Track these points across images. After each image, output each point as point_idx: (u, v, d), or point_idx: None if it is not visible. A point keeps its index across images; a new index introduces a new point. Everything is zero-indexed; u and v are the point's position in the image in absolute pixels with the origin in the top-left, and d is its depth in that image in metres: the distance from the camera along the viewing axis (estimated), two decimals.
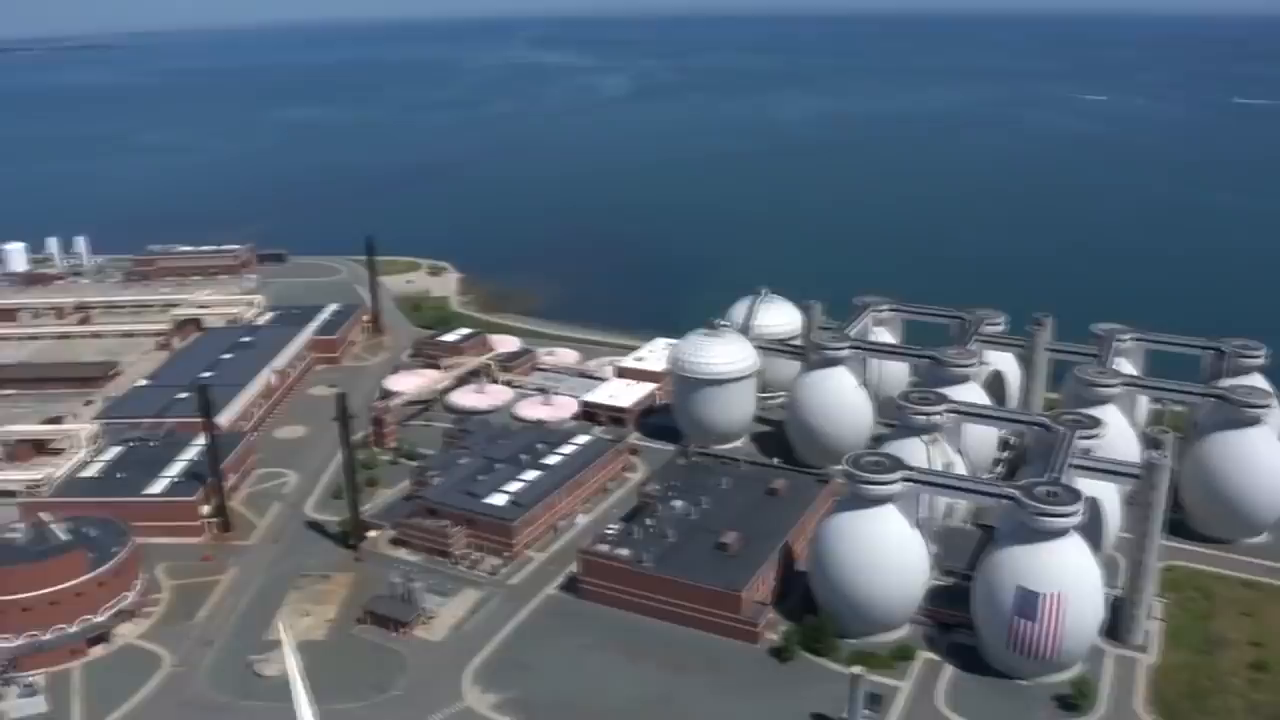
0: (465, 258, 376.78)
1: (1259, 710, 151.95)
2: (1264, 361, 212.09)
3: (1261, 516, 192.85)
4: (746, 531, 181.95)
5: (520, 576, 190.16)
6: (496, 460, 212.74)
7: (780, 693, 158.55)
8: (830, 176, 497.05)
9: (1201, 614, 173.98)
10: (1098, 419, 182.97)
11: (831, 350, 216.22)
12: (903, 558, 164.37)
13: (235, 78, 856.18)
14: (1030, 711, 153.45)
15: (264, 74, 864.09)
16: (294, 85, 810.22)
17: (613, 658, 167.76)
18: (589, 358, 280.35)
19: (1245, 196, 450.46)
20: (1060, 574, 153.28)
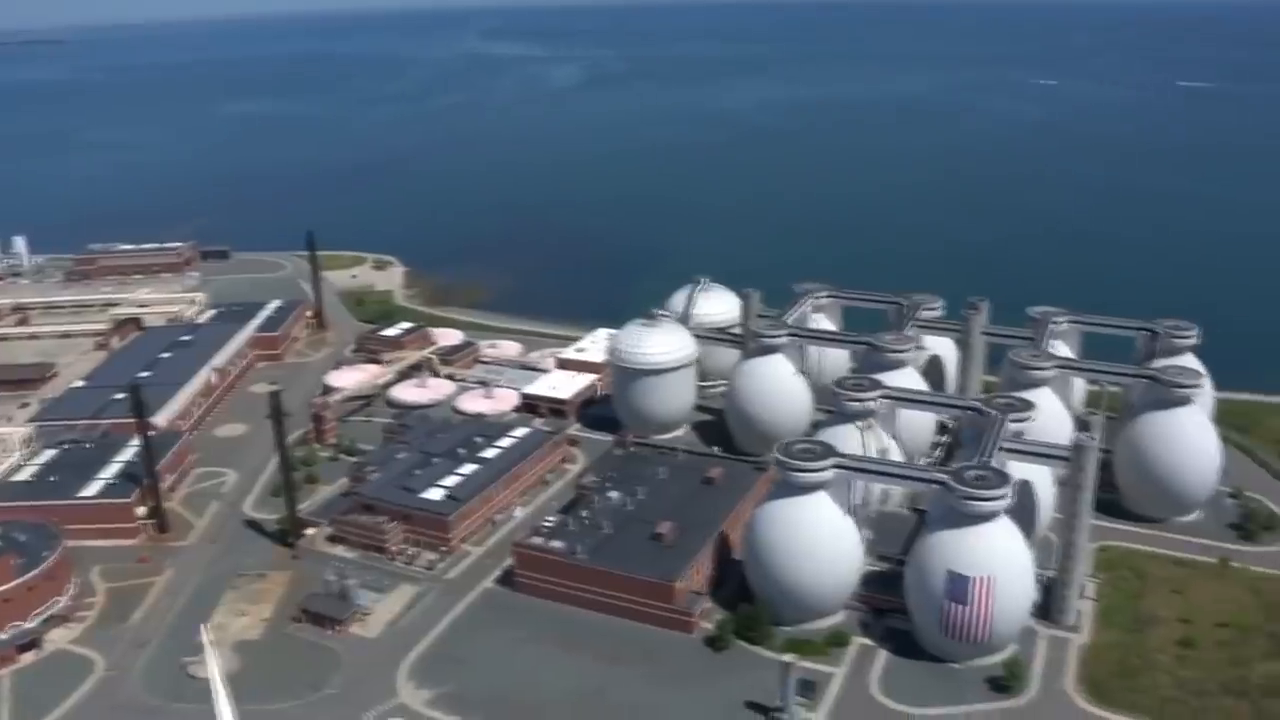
0: (411, 251, 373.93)
1: (1185, 686, 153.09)
2: (1195, 342, 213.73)
3: (1192, 495, 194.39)
4: (682, 521, 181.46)
5: (457, 571, 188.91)
6: (434, 455, 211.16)
7: (715, 682, 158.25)
8: (779, 165, 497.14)
9: (1133, 593, 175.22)
10: (1030, 402, 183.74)
11: (768, 338, 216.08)
12: (835, 544, 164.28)
13: (183, 72, 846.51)
14: (962, 694, 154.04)
15: (213, 68, 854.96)
16: (244, 79, 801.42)
17: (548, 650, 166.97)
18: (532, 349, 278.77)
19: (1184, 179, 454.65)
20: (989, 557, 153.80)
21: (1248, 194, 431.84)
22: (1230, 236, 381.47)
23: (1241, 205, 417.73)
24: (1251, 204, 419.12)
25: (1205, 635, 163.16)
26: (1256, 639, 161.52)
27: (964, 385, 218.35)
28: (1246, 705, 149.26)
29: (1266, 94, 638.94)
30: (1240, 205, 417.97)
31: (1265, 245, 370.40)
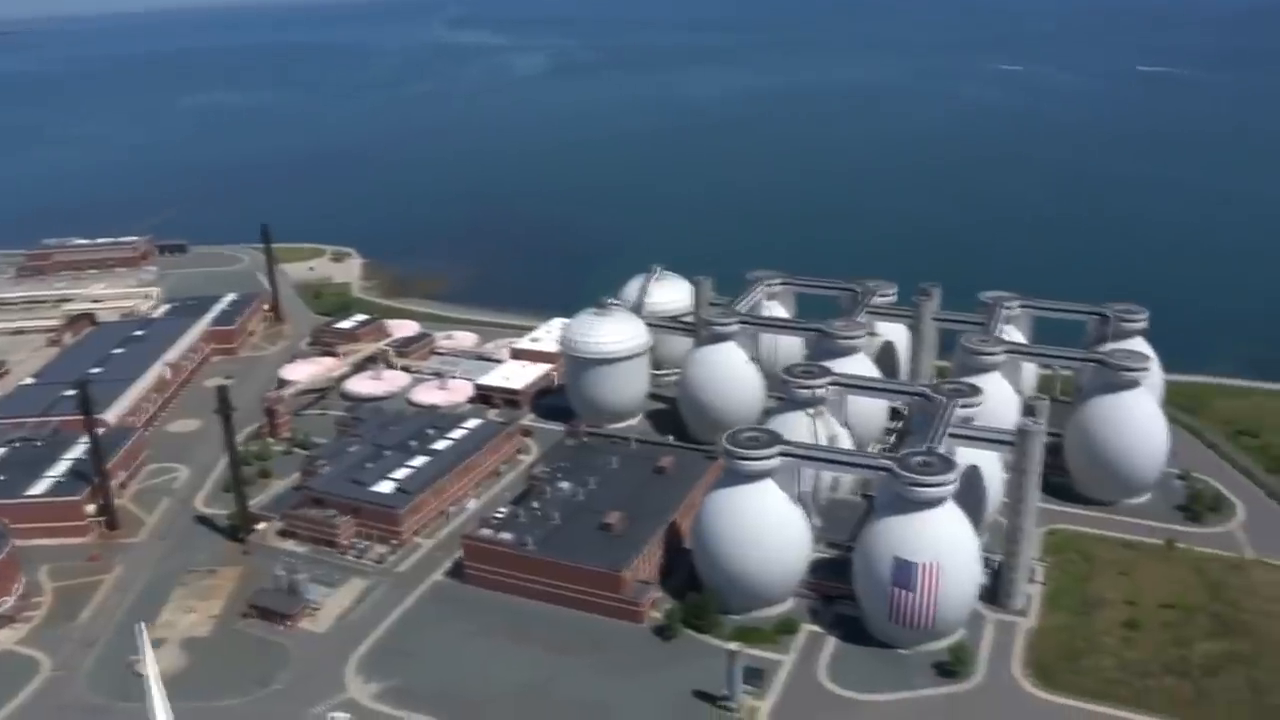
0: (371, 243, 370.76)
1: (1128, 667, 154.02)
2: (1145, 325, 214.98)
3: (1141, 477, 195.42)
4: (632, 511, 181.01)
5: (408, 564, 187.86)
6: (385, 447, 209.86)
7: (663, 671, 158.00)
8: (739, 153, 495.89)
9: (1081, 576, 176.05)
10: (978, 387, 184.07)
11: (719, 326, 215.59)
12: (782, 532, 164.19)
13: (144, 63, 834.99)
14: (910, 680, 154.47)
15: (175, 59, 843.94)
16: (207, 70, 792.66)
17: (497, 643, 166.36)
18: (489, 340, 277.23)
19: (1139, 163, 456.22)
20: (935, 543, 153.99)
21: (1201, 178, 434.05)
22: (1183, 220, 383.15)
23: (1195, 189, 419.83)
24: (1205, 188, 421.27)
25: (1150, 616, 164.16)
26: (1199, 619, 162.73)
27: (915, 371, 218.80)
28: (1188, 684, 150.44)
29: (1223, 80, 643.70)
30: (1194, 189, 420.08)
31: (1216, 229, 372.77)
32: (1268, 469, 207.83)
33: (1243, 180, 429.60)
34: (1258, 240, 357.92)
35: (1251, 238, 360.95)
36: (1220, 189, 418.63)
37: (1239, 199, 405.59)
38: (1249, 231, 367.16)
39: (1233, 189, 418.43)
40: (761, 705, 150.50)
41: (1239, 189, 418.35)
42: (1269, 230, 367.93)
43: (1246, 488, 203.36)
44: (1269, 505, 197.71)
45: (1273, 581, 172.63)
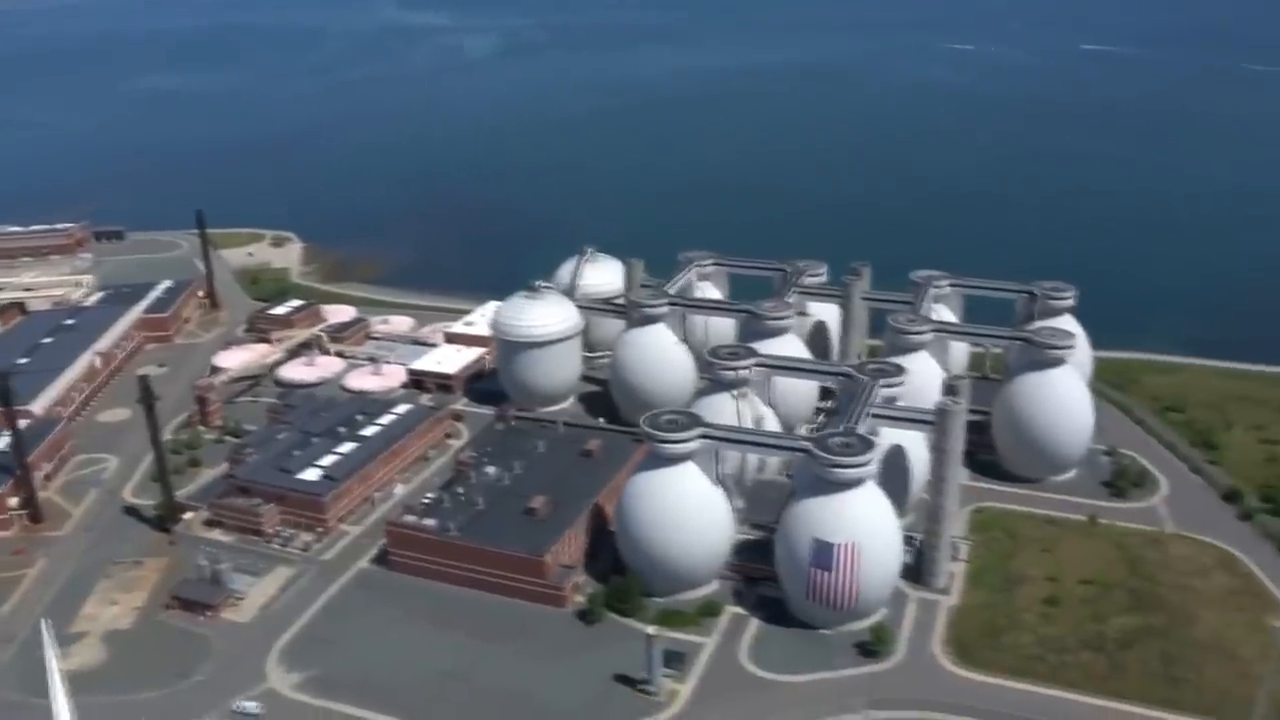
0: (312, 227, 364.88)
1: (1046, 643, 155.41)
2: (1073, 303, 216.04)
3: (1067, 455, 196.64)
4: (557, 495, 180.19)
5: (333, 552, 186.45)
6: (313, 434, 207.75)
7: (585, 656, 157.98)
8: (684, 133, 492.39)
9: (1005, 553, 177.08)
10: (901, 367, 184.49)
11: (649, 308, 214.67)
12: (704, 515, 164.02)
13: (86, 45, 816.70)
14: (830, 660, 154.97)
15: (119, 41, 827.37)
16: (150, 52, 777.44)
17: (420, 629, 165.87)
18: (425, 324, 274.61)
19: (1077, 141, 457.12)
20: (854, 524, 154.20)
21: (1139, 156, 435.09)
22: (1120, 198, 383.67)
23: (1133, 167, 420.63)
24: (1142, 166, 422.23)
25: (1069, 592, 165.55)
26: (1116, 594, 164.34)
27: (846, 351, 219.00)
28: (1103, 658, 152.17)
29: (1164, 58, 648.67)
30: (1132, 167, 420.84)
31: (1153, 206, 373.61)
32: (1192, 444, 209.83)
33: (1179, 157, 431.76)
34: (1194, 217, 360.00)
35: (1188, 215, 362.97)
36: (1157, 166, 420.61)
37: (1175, 176, 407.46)
38: (1186, 209, 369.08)
39: (1170, 166, 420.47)
40: (682, 688, 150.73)
41: (1176, 166, 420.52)
42: (1204, 207, 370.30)
43: (1171, 463, 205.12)
44: (1191, 480, 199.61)
45: (1189, 555, 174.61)
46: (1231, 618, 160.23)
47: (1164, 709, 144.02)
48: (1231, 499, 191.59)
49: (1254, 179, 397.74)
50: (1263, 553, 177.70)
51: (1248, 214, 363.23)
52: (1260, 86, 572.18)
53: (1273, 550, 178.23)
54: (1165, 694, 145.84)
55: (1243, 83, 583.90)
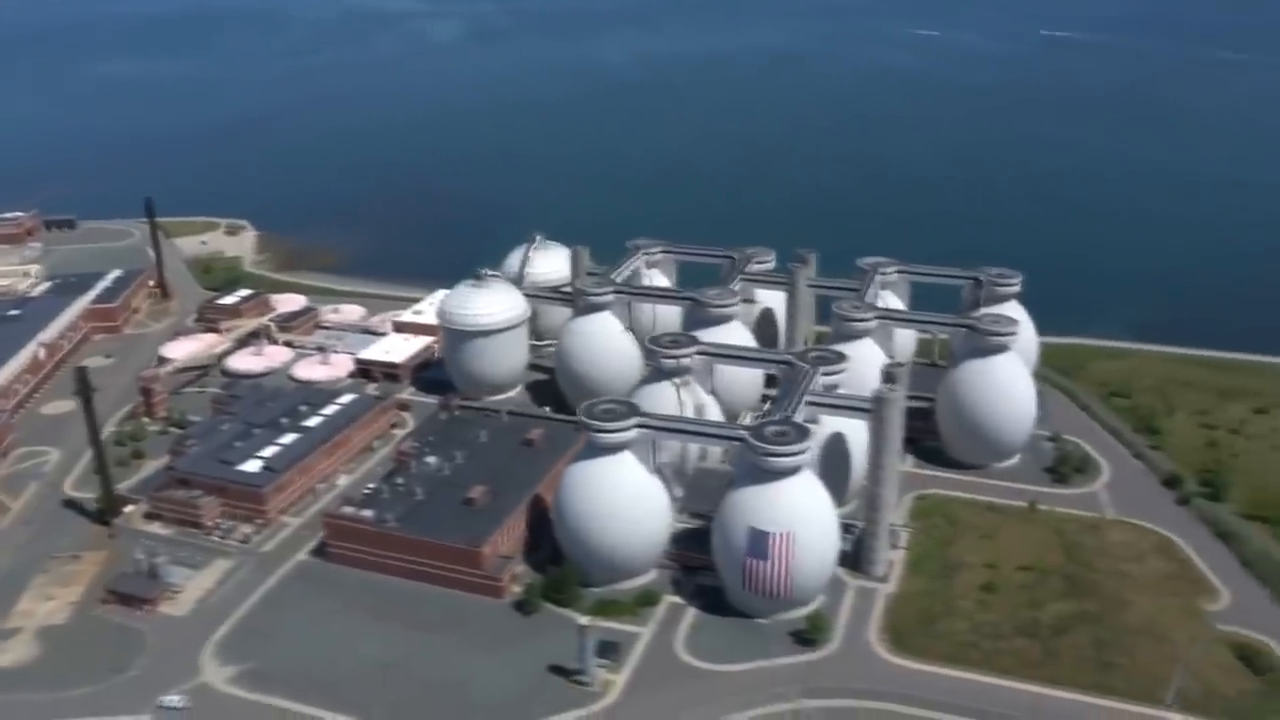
0: (268, 215, 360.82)
1: (981, 630, 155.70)
2: (1018, 289, 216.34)
3: (1009, 441, 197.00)
4: (497, 485, 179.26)
5: (273, 544, 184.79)
6: (256, 425, 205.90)
7: (521, 646, 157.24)
8: (645, 119, 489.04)
9: (945, 540, 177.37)
10: (842, 354, 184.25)
11: (594, 296, 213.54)
12: (641, 504, 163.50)
13: (47, 30, 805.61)
14: (766, 649, 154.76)
15: (81, 25, 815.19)
16: (111, 37, 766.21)
17: (357, 621, 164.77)
18: (377, 313, 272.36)
19: (1036, 127, 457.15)
20: (789, 513, 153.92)
21: (1091, 140, 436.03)
22: (1073, 184, 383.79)
23: (1085, 152, 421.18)
24: (1094, 150, 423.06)
25: (1007, 579, 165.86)
26: (1052, 580, 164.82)
27: (792, 338, 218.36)
28: (1037, 645, 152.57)
29: (1121, 44, 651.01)
30: (1083, 152, 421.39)
31: (1106, 192, 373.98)
32: (1135, 429, 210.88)
33: (1133, 143, 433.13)
34: (1146, 202, 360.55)
35: (1140, 200, 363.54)
36: (1111, 152, 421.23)
37: (1129, 162, 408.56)
38: (1139, 194, 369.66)
39: (1123, 152, 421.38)
40: (616, 679, 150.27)
41: (1129, 152, 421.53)
42: (1158, 192, 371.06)
43: (1114, 449, 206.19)
44: (1134, 466, 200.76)
45: (1127, 541, 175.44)
46: (1165, 602, 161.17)
47: (1095, 694, 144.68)
48: (1171, 484, 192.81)
49: (1206, 164, 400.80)
50: (1199, 537, 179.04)
51: (1199, 199, 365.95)
52: (1217, 73, 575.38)
53: (1209, 534, 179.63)
54: (1096, 679, 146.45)
55: (1200, 69, 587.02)
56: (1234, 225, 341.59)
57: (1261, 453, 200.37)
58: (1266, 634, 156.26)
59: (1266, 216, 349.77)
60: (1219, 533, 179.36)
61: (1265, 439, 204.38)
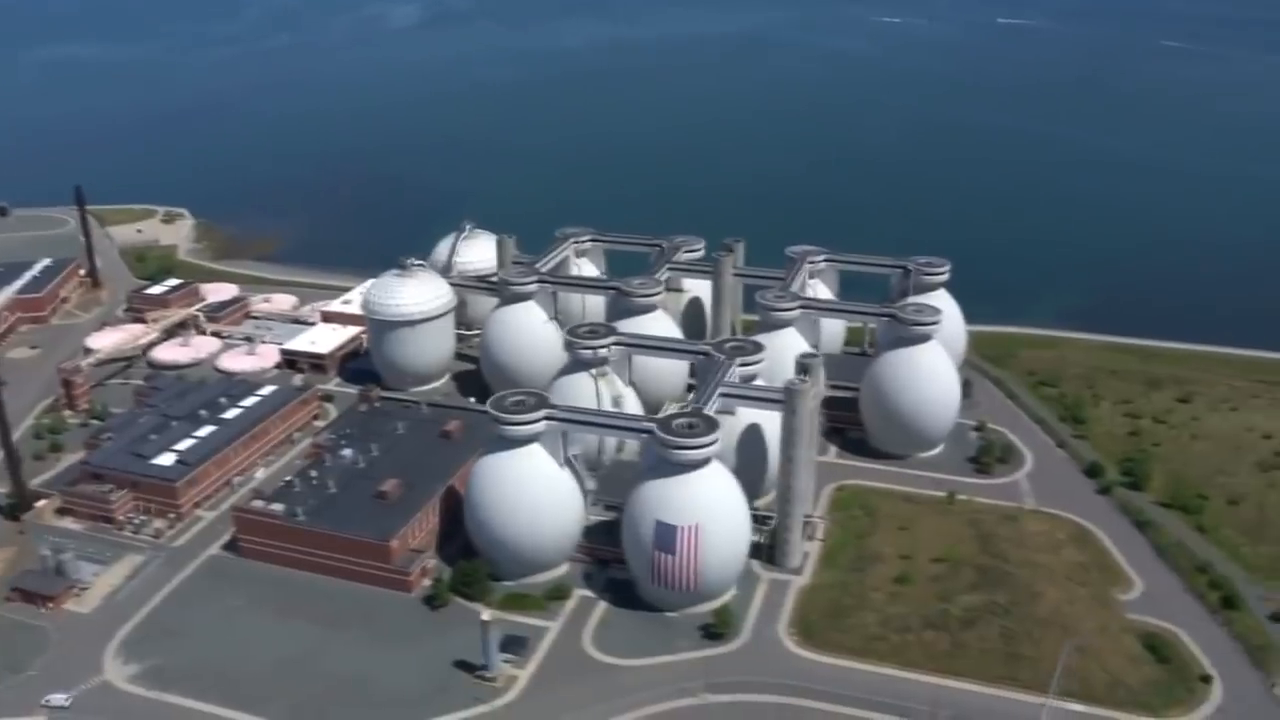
0: (209, 203, 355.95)
1: (890, 622, 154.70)
2: (946, 278, 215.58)
3: (932, 431, 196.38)
4: (411, 477, 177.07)
5: (186, 538, 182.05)
6: (174, 418, 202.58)
7: (429, 641, 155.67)
8: (596, 106, 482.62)
9: (862, 532, 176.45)
10: (760, 344, 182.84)
11: (517, 285, 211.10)
12: (550, 497, 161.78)
13: None
14: (673, 643, 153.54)
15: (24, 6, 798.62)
16: (56, 20, 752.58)
17: (265, 617, 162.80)
18: (309, 302, 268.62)
19: (983, 115, 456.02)
20: (696, 506, 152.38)
21: (1041, 129, 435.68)
22: (1011, 170, 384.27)
23: (1028, 140, 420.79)
24: (1042, 139, 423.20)
25: (920, 571, 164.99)
26: (964, 572, 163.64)
27: (718, 328, 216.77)
28: (945, 637, 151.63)
29: (1076, 32, 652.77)
30: (1025, 139, 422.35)
31: (1041, 179, 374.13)
32: (1061, 418, 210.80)
33: (1076, 131, 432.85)
34: (1084, 191, 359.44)
35: (1078, 188, 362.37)
36: (1054, 139, 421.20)
37: (1070, 149, 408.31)
38: (1077, 182, 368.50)
39: (1066, 139, 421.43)
40: (520, 674, 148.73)
41: (1072, 139, 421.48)
42: (1096, 180, 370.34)
43: (1039, 438, 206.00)
44: (1057, 455, 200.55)
45: (1042, 531, 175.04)
46: (1076, 593, 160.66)
47: (1000, 686, 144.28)
48: (1092, 474, 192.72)
49: (1147, 152, 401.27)
50: (1117, 526, 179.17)
51: (1139, 187, 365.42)
52: (1164, 61, 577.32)
53: (1128, 524, 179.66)
54: (1003, 671, 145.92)
55: (1149, 57, 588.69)
56: (1171, 212, 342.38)
57: (1181, 442, 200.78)
58: (1175, 623, 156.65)
59: (1202, 203, 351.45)
60: (1136, 522, 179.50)
61: (1186, 428, 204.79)
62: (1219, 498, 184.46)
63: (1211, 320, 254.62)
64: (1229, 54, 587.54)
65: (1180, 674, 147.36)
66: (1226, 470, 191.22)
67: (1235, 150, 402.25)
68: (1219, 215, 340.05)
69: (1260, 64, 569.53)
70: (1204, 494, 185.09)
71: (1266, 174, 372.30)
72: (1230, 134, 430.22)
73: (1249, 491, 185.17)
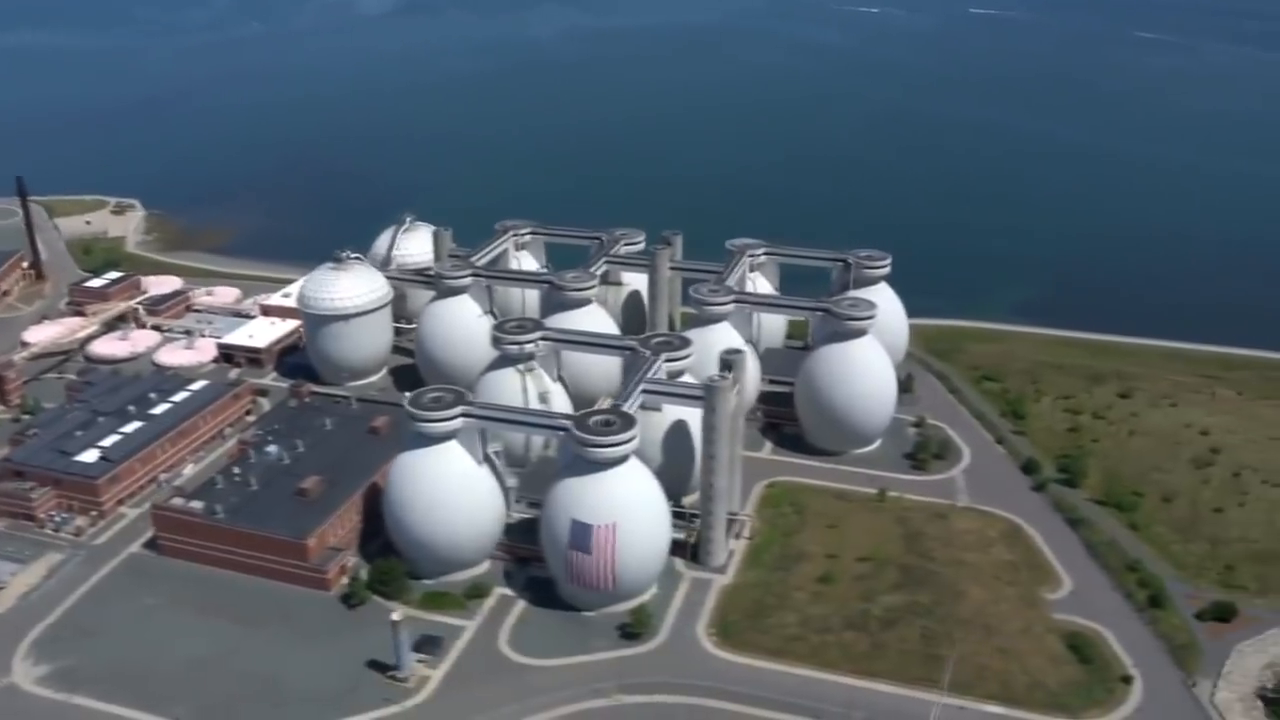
0: (162, 194, 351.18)
1: (810, 623, 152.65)
2: (887, 271, 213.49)
3: (867, 427, 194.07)
4: (335, 474, 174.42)
5: (107, 536, 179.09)
6: (102, 413, 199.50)
7: (344, 640, 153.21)
8: (558, 97, 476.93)
9: (790, 529, 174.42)
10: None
11: (450, 279, 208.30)
12: (468, 495, 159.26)
13: None
14: (589, 644, 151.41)
15: None
16: (19, 6, 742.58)
17: (182, 616, 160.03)
18: (253, 295, 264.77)
19: (947, 106, 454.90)
20: (612, 504, 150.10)
21: (997, 118, 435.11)
22: (965, 163, 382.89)
23: (989, 130, 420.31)
24: (997, 127, 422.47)
25: (844, 570, 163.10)
26: (888, 571, 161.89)
27: (654, 322, 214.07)
28: (865, 637, 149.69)
29: (1048, 21, 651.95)
30: (987, 130, 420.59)
31: (995, 172, 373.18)
32: (1002, 414, 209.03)
33: (1038, 121, 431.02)
34: (1040, 182, 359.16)
35: (1034, 180, 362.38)
36: (1014, 130, 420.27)
37: (1030, 140, 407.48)
38: (1033, 173, 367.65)
39: (1026, 130, 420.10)
40: (433, 674, 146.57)
41: (1032, 130, 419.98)
42: (1052, 171, 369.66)
43: (978, 434, 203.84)
44: (995, 452, 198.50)
45: (972, 529, 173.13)
46: (1003, 592, 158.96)
47: (918, 687, 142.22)
48: (1029, 470, 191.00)
49: (1106, 143, 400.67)
50: (1050, 524, 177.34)
51: (1097, 178, 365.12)
52: (1131, 52, 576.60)
53: (1060, 522, 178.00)
54: (921, 672, 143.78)
55: (1121, 48, 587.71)
56: (1129, 204, 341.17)
57: (1119, 438, 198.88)
58: (1101, 623, 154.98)
59: (1162, 196, 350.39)
60: (1069, 520, 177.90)
61: (1125, 423, 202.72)
62: (1153, 495, 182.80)
63: (1164, 314, 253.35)
64: (1200, 46, 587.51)
65: (1101, 674, 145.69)
66: (1162, 467, 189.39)
67: (1201, 143, 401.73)
68: (1178, 207, 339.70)
69: (1229, 55, 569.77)
70: (1139, 491, 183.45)
71: (1228, 167, 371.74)
72: (1195, 127, 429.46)
73: (1183, 489, 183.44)
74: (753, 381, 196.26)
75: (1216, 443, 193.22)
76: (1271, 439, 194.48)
